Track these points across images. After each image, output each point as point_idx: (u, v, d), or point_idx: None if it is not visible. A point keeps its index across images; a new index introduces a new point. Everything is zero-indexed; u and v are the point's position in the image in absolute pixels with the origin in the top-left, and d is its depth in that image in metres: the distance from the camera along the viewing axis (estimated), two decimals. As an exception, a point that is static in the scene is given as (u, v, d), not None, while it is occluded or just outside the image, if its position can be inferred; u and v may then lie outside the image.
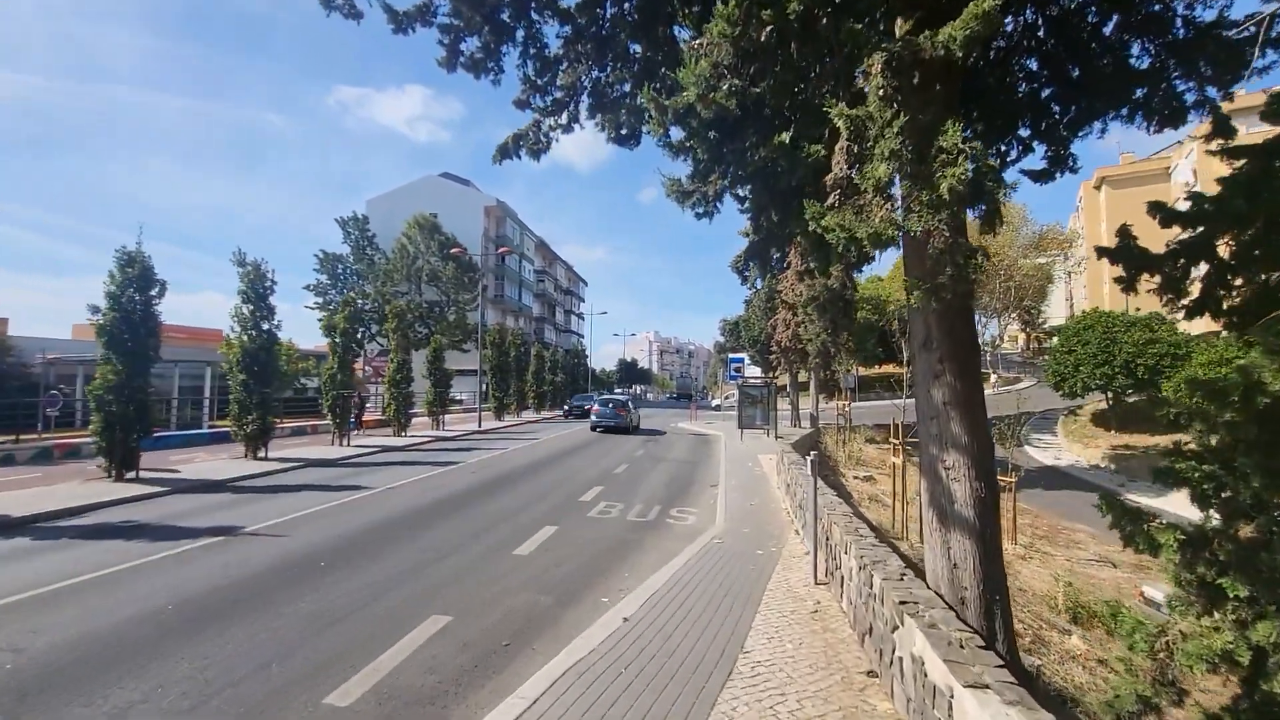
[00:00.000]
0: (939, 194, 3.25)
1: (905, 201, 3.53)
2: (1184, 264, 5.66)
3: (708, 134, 4.46)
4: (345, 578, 6.87)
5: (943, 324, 4.89)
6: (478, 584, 6.80)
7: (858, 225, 3.61)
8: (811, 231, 3.93)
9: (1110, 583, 16.95)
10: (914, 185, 3.43)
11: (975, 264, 3.54)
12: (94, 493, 11.10)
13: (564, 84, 6.30)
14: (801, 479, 9.20)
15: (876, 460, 23.78)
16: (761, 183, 4.78)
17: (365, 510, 10.42)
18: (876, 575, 4.34)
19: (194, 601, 6.06)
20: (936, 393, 4.89)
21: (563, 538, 8.95)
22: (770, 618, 5.47)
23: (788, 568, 7.25)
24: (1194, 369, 26.81)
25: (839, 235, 3.67)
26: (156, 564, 7.23)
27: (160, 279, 13.20)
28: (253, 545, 8.08)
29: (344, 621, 5.70)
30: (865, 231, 3.56)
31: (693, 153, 4.76)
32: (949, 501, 4.79)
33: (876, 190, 3.58)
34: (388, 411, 24.44)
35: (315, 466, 15.75)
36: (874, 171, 3.50)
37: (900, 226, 3.51)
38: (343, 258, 51.78)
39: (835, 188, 3.91)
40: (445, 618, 5.79)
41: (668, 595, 6.12)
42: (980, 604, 4.68)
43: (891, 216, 3.58)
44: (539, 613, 6.05)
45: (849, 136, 3.71)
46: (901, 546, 11.31)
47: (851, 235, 3.63)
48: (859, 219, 3.62)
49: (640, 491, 13.01)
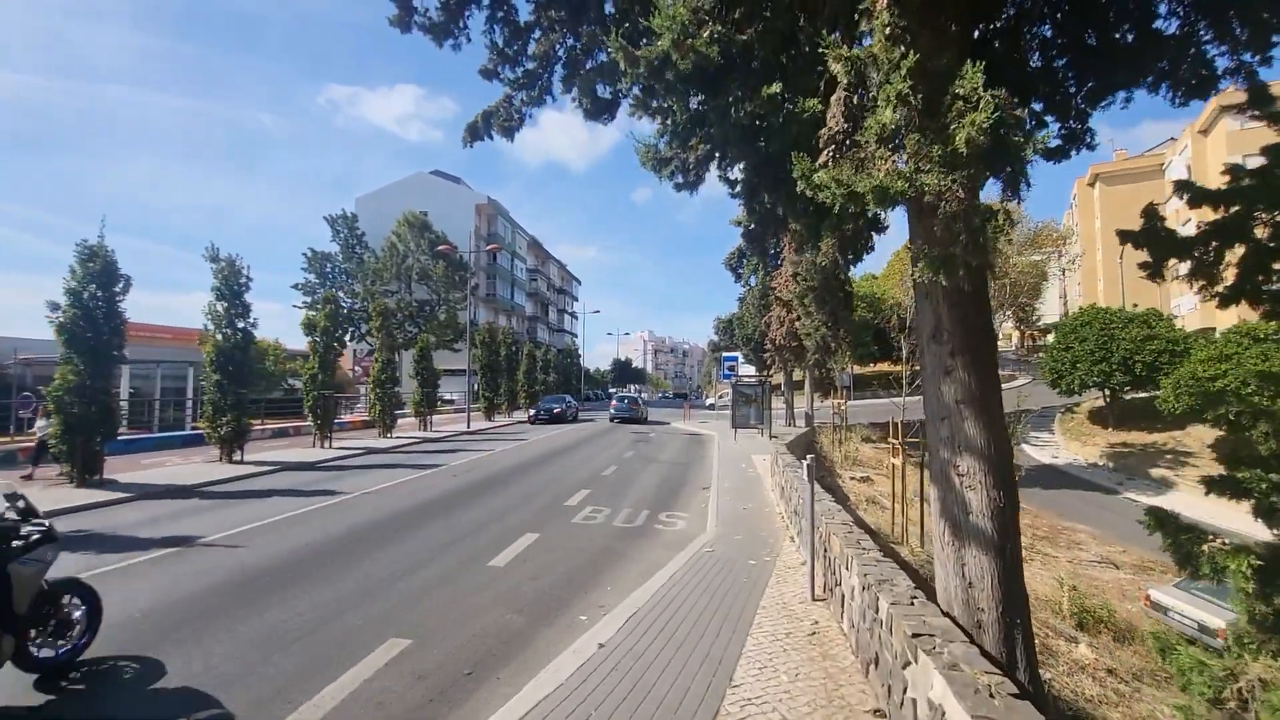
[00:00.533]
0: (955, 147, 2.72)
1: (914, 160, 2.98)
2: (1217, 247, 5.15)
3: (685, 89, 3.91)
4: (300, 595, 6.29)
5: (954, 312, 4.36)
6: (445, 601, 6.23)
7: (857, 180, 3.06)
8: (801, 194, 3.37)
9: (1114, 585, 16.51)
10: (924, 139, 2.91)
11: (995, 229, 3.00)
12: (49, 499, 10.45)
13: (536, 54, 5.74)
14: (798, 483, 8.67)
15: (873, 460, 23.32)
16: (749, 147, 4.21)
17: (335, 518, 9.83)
18: (883, 598, 3.81)
19: (126, 626, 5.47)
20: (948, 390, 4.35)
21: (543, 547, 8.39)
22: (763, 641, 4.91)
23: (782, 580, 6.70)
24: (1193, 365, 26.52)
25: (834, 192, 3.11)
26: (95, 579, 6.58)
27: (124, 274, 12.56)
28: (206, 558, 7.49)
29: (291, 647, 5.12)
30: (866, 185, 3.01)
31: (670, 114, 4.21)
32: (963, 512, 4.26)
33: (880, 140, 3.05)
34: (373, 412, 23.79)
35: (292, 470, 15.13)
36: (879, 118, 2.96)
37: (909, 179, 2.94)
38: (331, 256, 51.00)
39: (830, 143, 3.37)
40: (404, 641, 5.23)
41: (650, 614, 5.56)
42: (999, 628, 4.15)
43: (899, 169, 3.03)
44: (509, 634, 5.49)
45: (848, 85, 3.18)
46: (902, 552, 10.79)
47: (850, 191, 3.07)
48: (859, 174, 3.07)
49: (629, 495, 12.45)
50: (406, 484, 13.26)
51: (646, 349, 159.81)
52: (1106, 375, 30.63)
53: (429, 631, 5.47)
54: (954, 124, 2.80)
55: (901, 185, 2.97)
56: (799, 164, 3.30)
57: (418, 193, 57.92)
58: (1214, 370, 25.16)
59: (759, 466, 16.00)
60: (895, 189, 2.99)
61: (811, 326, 15.38)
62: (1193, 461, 28.17)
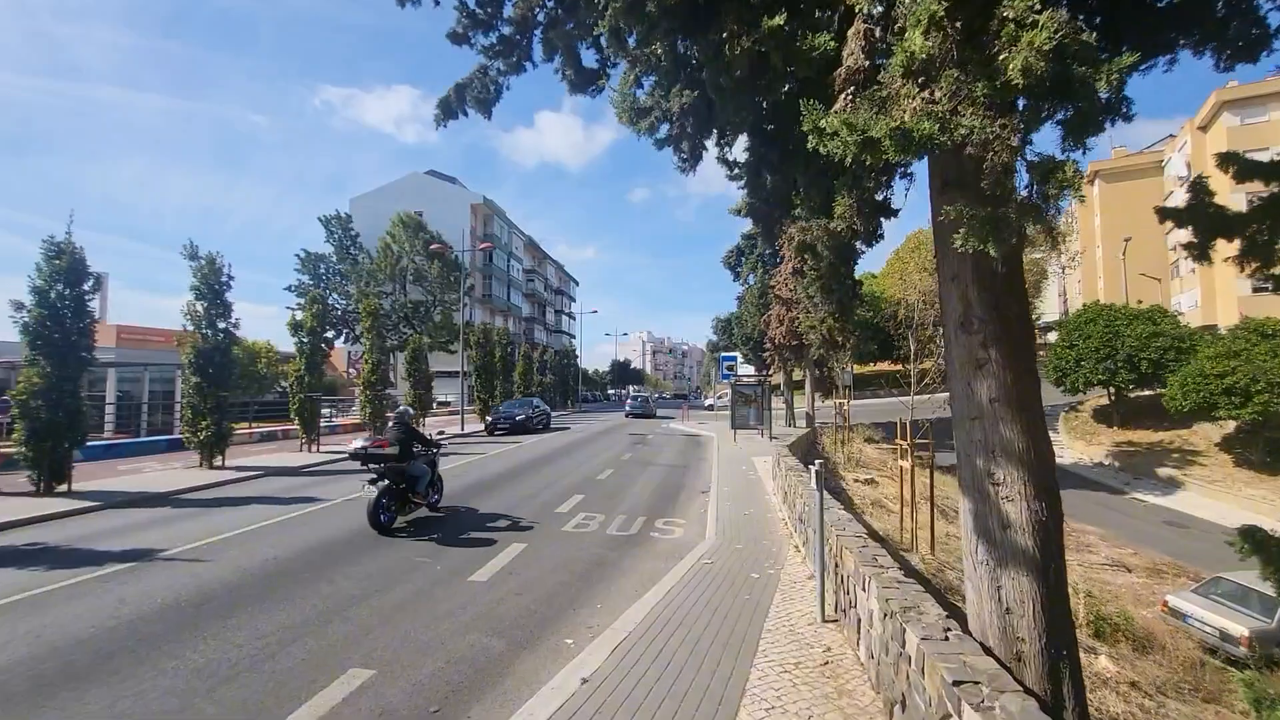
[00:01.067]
0: (1007, 79, 2.17)
1: (952, 101, 2.42)
2: (1273, 224, 4.60)
3: (670, 26, 3.34)
4: (259, 616, 5.72)
5: (986, 297, 3.80)
6: (419, 623, 5.66)
7: (876, 122, 2.49)
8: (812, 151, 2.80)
9: (1127, 589, 15.96)
10: (964, 75, 2.36)
11: (1061, 182, 2.44)
12: (10, 509, 9.87)
13: (514, 17, 5.18)
14: (802, 488, 8.11)
15: (877, 462, 22.76)
16: (745, 100, 3.61)
17: (310, 527, 9.25)
18: (911, 631, 3.24)
19: (60, 652, 4.91)
20: (980, 387, 3.79)
21: (530, 558, 7.82)
22: (769, 674, 4.33)
23: (788, 597, 6.13)
24: (1201, 362, 25.99)
25: (848, 140, 2.55)
26: (36, 600, 6.05)
27: (94, 272, 11.99)
28: (163, 574, 6.90)
29: (240, 679, 4.55)
30: (885, 129, 2.44)
31: (650, 60, 3.64)
32: (1000, 527, 3.70)
33: (908, 74, 2.49)
34: (363, 415, 23.19)
35: (274, 476, 14.54)
36: (907, 47, 2.41)
37: (943, 122, 2.36)
38: (325, 257, 50.44)
39: (848, 84, 2.81)
40: (366, 672, 4.66)
41: (643, 640, 4.99)
42: (1043, 661, 3.59)
43: (928, 108, 2.45)
44: (486, 661, 4.92)
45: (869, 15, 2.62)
46: (912, 559, 10.23)
47: (866, 136, 2.50)
48: (879, 116, 2.51)
49: (624, 500, 11.88)
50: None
51: (645, 350, 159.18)
52: (1111, 373, 30.13)
53: (395, 659, 4.90)
54: (1004, 51, 2.25)
55: (929, 127, 2.39)
56: (808, 112, 2.74)
57: (413, 193, 57.32)
58: (1222, 367, 24.65)
59: (760, 469, 15.44)
60: (920, 132, 2.41)
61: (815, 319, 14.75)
62: (1200, 460, 27.64)
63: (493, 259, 60.81)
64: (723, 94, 3.53)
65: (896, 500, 14.86)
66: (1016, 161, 2.48)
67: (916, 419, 15.69)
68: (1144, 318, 30.52)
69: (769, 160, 4.68)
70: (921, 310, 20.65)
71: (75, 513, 10.13)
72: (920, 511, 12.00)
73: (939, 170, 4.07)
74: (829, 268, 5.06)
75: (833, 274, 5.38)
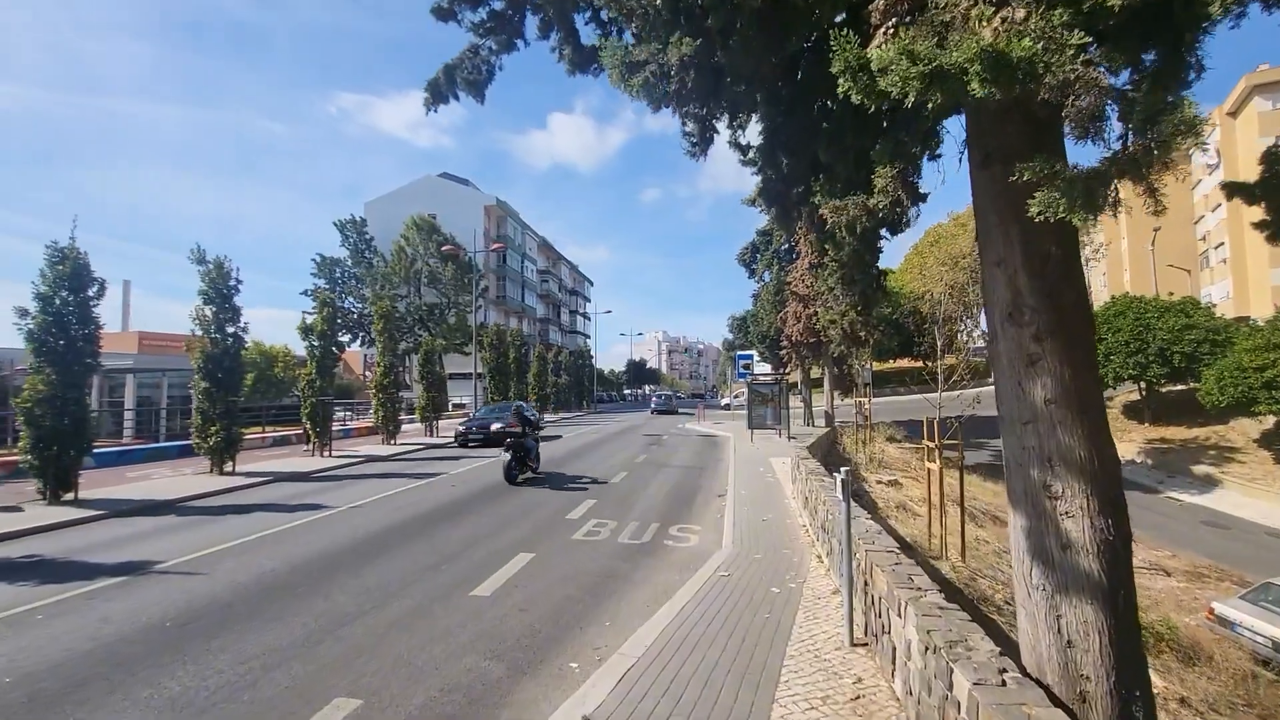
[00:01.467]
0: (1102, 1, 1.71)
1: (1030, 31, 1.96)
2: (1364, 199, 4.05)
3: None
4: (246, 636, 5.38)
5: (1037, 284, 3.32)
6: (414, 643, 5.29)
7: (940, 53, 2.01)
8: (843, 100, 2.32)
9: (1167, 595, 15.18)
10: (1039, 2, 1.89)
11: (1178, 128, 1.97)
12: (12, 520, 9.71)
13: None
14: (824, 494, 7.63)
15: (900, 462, 22.08)
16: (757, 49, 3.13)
17: (313, 537, 8.95)
18: (961, 674, 2.78)
19: (31, 678, 4.60)
20: (1033, 387, 3.31)
21: (537, 570, 7.43)
22: (794, 712, 3.85)
23: (812, 615, 5.66)
24: (1238, 355, 24.94)
25: (909, 74, 2.06)
26: (15, 620, 5.76)
27: (98, 278, 11.83)
28: (154, 589, 6.62)
29: (217, 709, 4.21)
30: (969, 51, 1.95)
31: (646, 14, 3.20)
32: (1059, 547, 3.22)
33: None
34: (376, 418, 23.03)
35: (283, 481, 14.34)
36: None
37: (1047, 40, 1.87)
38: (341, 261, 50.71)
39: (889, 14, 2.35)
40: (353, 702, 4.29)
41: (653, 666, 4.56)
42: (1111, 703, 3.10)
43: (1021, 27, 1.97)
44: (483, 689, 4.53)
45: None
46: (943, 568, 9.68)
47: (936, 68, 2.01)
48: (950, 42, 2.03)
49: (638, 505, 11.46)
50: (400, 495, 12.39)
51: (661, 349, 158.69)
52: (1143, 367, 29.13)
53: (386, 686, 4.52)
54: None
55: (1030, 46, 1.91)
56: (841, 49, 2.26)
57: (426, 196, 57.45)
58: (1262, 360, 23.62)
59: (778, 471, 14.93)
60: (1019, 53, 1.92)
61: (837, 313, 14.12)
62: (1238, 458, 26.54)
63: (506, 260, 60.73)
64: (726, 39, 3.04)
65: (921, 503, 14.27)
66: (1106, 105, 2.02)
67: (944, 417, 15.06)
68: (1176, 310, 29.46)
69: (784, 139, 4.24)
70: (948, 305, 19.93)
71: (78, 522, 9.93)
72: (950, 516, 11.43)
73: (979, 142, 3.59)
74: (852, 256, 4.61)
75: (856, 263, 4.93)
